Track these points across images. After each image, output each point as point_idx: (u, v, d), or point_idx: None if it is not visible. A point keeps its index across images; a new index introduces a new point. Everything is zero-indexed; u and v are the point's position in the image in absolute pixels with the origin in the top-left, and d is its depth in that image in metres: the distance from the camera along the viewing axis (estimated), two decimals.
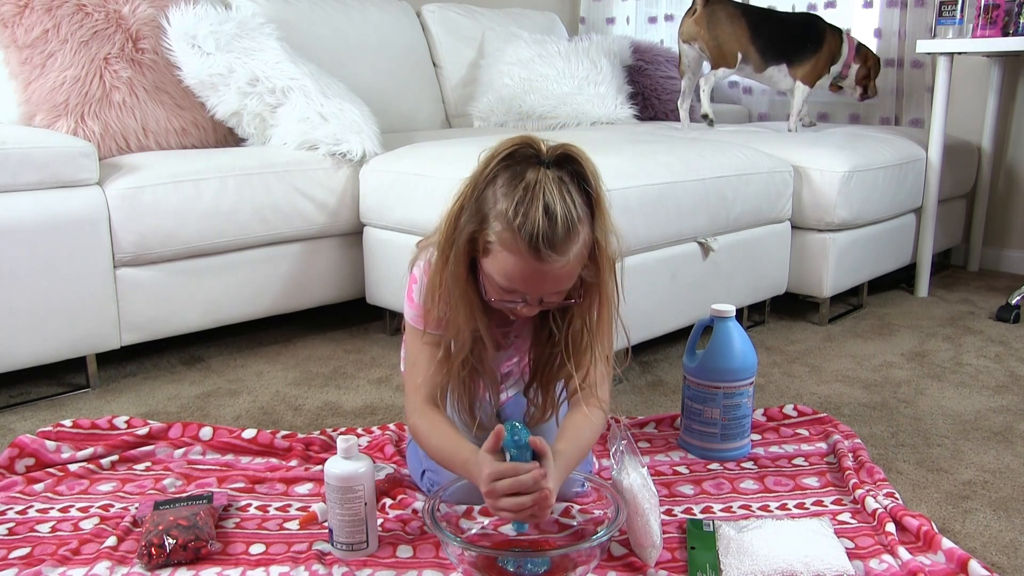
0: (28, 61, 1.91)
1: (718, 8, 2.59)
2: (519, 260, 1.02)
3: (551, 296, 1.09)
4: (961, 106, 3.00)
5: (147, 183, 1.81)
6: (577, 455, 1.14)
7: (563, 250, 1.02)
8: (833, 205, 2.23)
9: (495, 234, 1.03)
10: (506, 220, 1.01)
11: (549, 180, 1.01)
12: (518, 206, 1.00)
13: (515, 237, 1.00)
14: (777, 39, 2.64)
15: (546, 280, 1.05)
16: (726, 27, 2.59)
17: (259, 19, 2.25)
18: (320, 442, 1.49)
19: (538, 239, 0.99)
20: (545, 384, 1.22)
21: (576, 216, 1.02)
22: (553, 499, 1.03)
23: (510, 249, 1.02)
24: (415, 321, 1.20)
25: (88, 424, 1.52)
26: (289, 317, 2.29)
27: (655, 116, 3.24)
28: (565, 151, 1.04)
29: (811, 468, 1.42)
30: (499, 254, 1.03)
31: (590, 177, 1.04)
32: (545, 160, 1.03)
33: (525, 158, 1.03)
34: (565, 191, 1.01)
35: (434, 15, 3.09)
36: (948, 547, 1.13)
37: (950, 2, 2.47)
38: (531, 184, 1.00)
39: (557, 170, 1.03)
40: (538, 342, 1.21)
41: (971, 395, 1.79)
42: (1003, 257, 3.03)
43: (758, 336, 2.21)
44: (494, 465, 1.02)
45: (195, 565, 1.13)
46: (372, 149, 2.13)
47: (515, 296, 1.08)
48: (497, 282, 1.06)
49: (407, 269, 1.22)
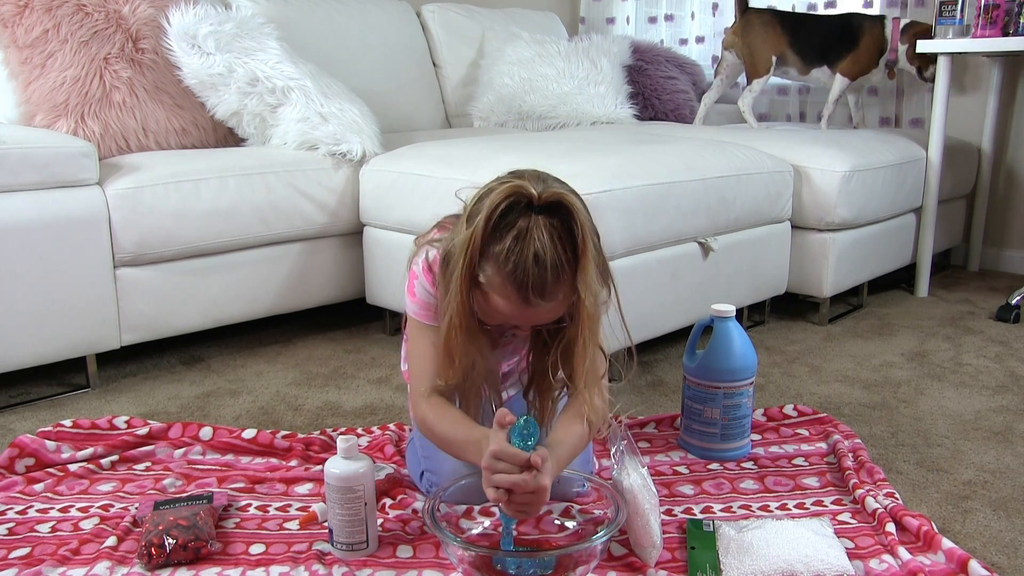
0: (28, 61, 1.91)
1: (753, 17, 2.76)
2: (508, 304, 1.05)
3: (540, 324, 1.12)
4: (961, 106, 3.00)
5: (147, 183, 1.81)
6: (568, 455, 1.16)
7: (551, 296, 1.04)
8: (833, 205, 2.23)
9: (485, 277, 1.05)
10: (496, 265, 1.03)
11: (540, 228, 1.02)
12: (508, 253, 1.02)
13: (504, 283, 1.03)
14: (816, 43, 2.74)
15: (533, 318, 1.09)
16: (759, 34, 2.73)
17: (259, 19, 2.25)
18: (320, 442, 1.49)
19: (527, 287, 1.02)
20: (542, 392, 1.23)
21: (563, 262, 1.03)
22: (547, 496, 1.04)
23: (499, 293, 1.05)
24: (417, 315, 1.21)
25: (88, 424, 1.52)
26: (289, 317, 2.29)
27: (655, 116, 3.24)
28: (558, 198, 1.04)
29: (811, 468, 1.42)
30: (489, 295, 1.06)
31: (577, 228, 1.04)
32: (536, 207, 1.03)
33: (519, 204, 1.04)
34: (556, 238, 1.02)
35: (434, 15, 3.09)
36: (948, 547, 1.13)
37: (950, 2, 2.47)
38: (522, 231, 1.02)
39: (548, 217, 1.03)
40: (536, 347, 1.22)
41: (971, 395, 1.79)
42: (1003, 257, 3.03)
43: (758, 336, 2.21)
44: (502, 444, 1.04)
45: (195, 565, 1.13)
46: (372, 149, 2.13)
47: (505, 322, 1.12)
48: (488, 314, 1.10)
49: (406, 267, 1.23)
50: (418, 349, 1.21)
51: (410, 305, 1.21)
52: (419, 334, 1.21)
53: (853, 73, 2.71)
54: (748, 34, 2.75)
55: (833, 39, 2.72)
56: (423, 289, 1.18)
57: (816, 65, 2.76)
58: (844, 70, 2.71)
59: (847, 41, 2.70)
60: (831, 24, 2.75)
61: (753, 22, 2.75)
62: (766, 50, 2.73)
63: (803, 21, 2.77)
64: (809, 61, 2.75)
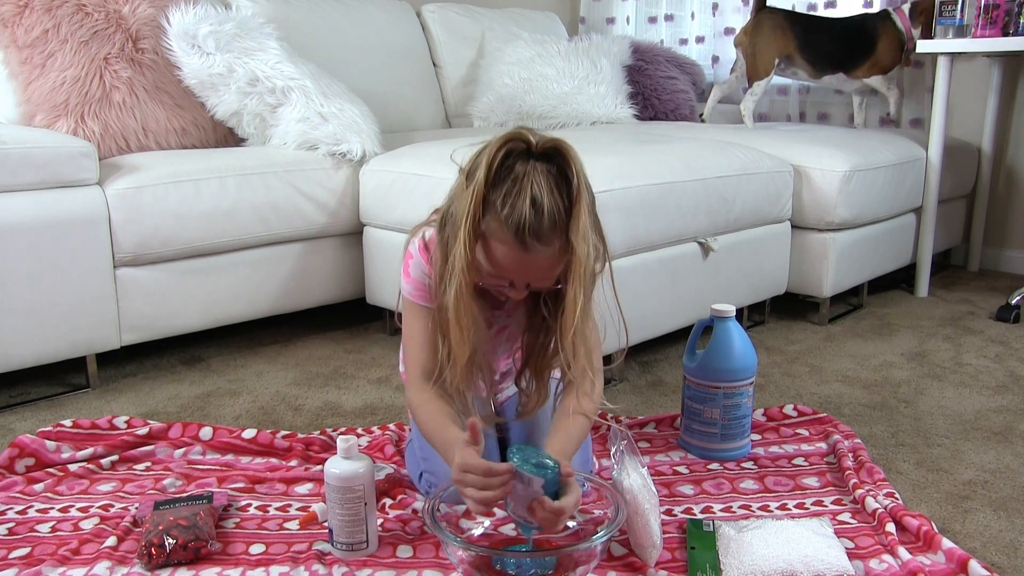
0: (28, 61, 1.91)
1: (765, 18, 2.73)
2: (506, 249, 1.06)
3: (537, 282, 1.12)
4: (961, 106, 3.00)
5: (147, 183, 1.81)
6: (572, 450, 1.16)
7: (548, 240, 1.05)
8: (833, 205, 2.23)
9: (485, 224, 1.06)
10: (495, 210, 1.04)
11: (537, 173, 1.04)
12: (506, 197, 1.03)
13: (502, 227, 1.04)
14: (828, 49, 2.73)
15: (531, 268, 1.08)
16: (767, 36, 2.71)
17: (259, 19, 2.25)
18: (320, 442, 1.49)
19: (524, 230, 1.03)
20: (538, 372, 1.24)
21: (562, 208, 1.05)
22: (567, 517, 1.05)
23: (498, 238, 1.06)
24: (412, 295, 1.22)
25: (88, 424, 1.52)
26: (289, 317, 2.29)
27: (655, 116, 3.24)
28: (554, 145, 1.06)
29: (811, 468, 1.42)
30: (487, 242, 1.07)
31: (572, 174, 1.06)
32: (535, 153, 1.06)
33: (516, 151, 1.06)
34: (552, 184, 1.04)
35: (434, 15, 3.09)
36: (948, 547, 1.13)
37: (950, 2, 2.48)
38: (519, 176, 1.04)
39: (545, 163, 1.05)
40: (531, 327, 1.23)
41: (971, 395, 1.79)
42: (1003, 257, 3.03)
43: (758, 336, 2.21)
44: (466, 457, 1.03)
45: (195, 565, 1.13)
46: (372, 149, 2.13)
47: (502, 280, 1.11)
48: (485, 268, 1.10)
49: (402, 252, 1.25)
50: (412, 332, 1.23)
51: (405, 286, 1.23)
52: (413, 316, 1.22)
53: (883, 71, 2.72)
54: (756, 34, 2.73)
55: (847, 45, 2.71)
56: (419, 270, 1.20)
57: (829, 71, 2.75)
58: (866, 75, 2.72)
59: (864, 46, 2.69)
60: (844, 29, 2.73)
61: (764, 23, 2.72)
62: (770, 52, 2.71)
63: (815, 26, 2.75)
64: (820, 67, 2.74)
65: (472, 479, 1.02)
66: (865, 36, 2.70)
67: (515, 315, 1.26)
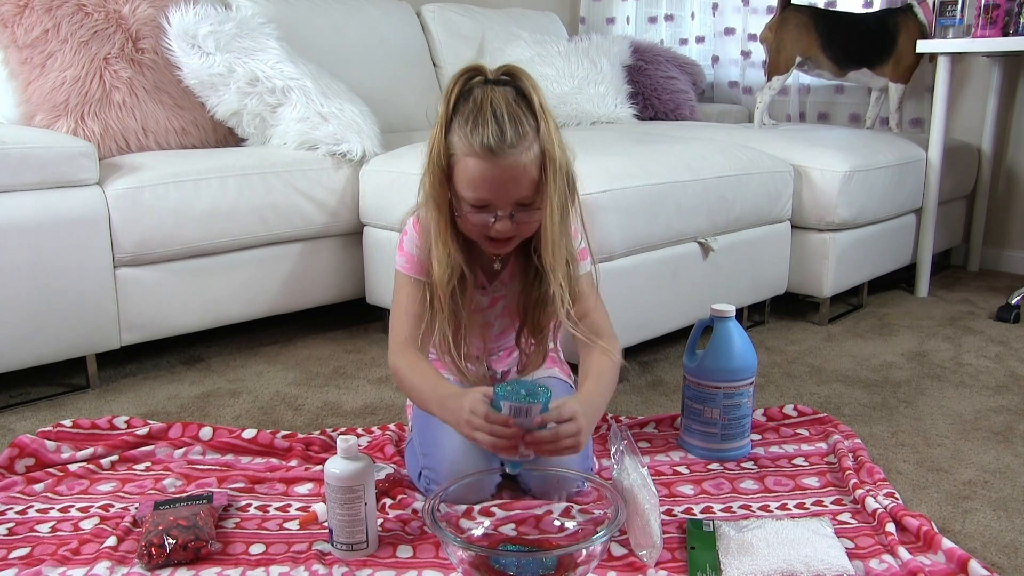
0: (28, 61, 1.91)
1: (791, 15, 2.74)
2: (477, 163, 1.12)
3: (519, 211, 1.15)
4: (961, 106, 3.00)
5: (147, 183, 1.81)
6: (605, 394, 1.22)
7: (516, 143, 1.11)
8: (833, 205, 2.23)
9: (454, 147, 1.14)
10: (462, 132, 1.13)
11: (496, 93, 1.13)
12: (470, 116, 1.12)
13: (470, 143, 1.12)
14: (852, 46, 2.74)
15: (506, 181, 1.13)
16: (791, 33, 2.72)
17: (259, 19, 2.25)
18: (320, 442, 1.49)
19: (490, 138, 1.10)
20: (536, 327, 1.29)
21: (522, 116, 1.12)
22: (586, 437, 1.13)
23: (468, 154, 1.12)
24: (403, 267, 1.27)
25: (88, 424, 1.52)
26: (289, 317, 2.29)
27: (655, 116, 3.24)
28: (507, 69, 1.15)
29: (811, 468, 1.42)
30: (459, 163, 1.14)
31: (530, 89, 1.14)
32: (492, 80, 1.15)
33: (474, 82, 1.16)
34: (511, 98, 1.13)
35: (434, 15, 3.08)
36: (948, 547, 1.13)
37: (950, 2, 2.48)
38: (479, 98, 1.13)
39: (502, 86, 1.15)
40: (525, 285, 1.27)
41: (971, 395, 1.79)
42: (1003, 257, 3.03)
43: (758, 336, 2.21)
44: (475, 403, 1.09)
45: (195, 565, 1.13)
46: (372, 149, 2.13)
47: (486, 213, 1.15)
48: (465, 197, 1.15)
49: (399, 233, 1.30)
50: (400, 301, 1.27)
51: (398, 260, 1.28)
52: (403, 287, 1.27)
53: (904, 76, 2.73)
54: (782, 31, 2.74)
55: (870, 41, 2.72)
56: (412, 243, 1.26)
57: (854, 67, 2.76)
58: (894, 76, 2.73)
59: (886, 42, 2.70)
60: (867, 24, 2.74)
61: (789, 20, 2.73)
62: (792, 50, 2.72)
63: (838, 22, 2.75)
64: (844, 64, 2.75)
65: (480, 423, 1.08)
66: (885, 32, 2.70)
67: (511, 284, 1.30)
